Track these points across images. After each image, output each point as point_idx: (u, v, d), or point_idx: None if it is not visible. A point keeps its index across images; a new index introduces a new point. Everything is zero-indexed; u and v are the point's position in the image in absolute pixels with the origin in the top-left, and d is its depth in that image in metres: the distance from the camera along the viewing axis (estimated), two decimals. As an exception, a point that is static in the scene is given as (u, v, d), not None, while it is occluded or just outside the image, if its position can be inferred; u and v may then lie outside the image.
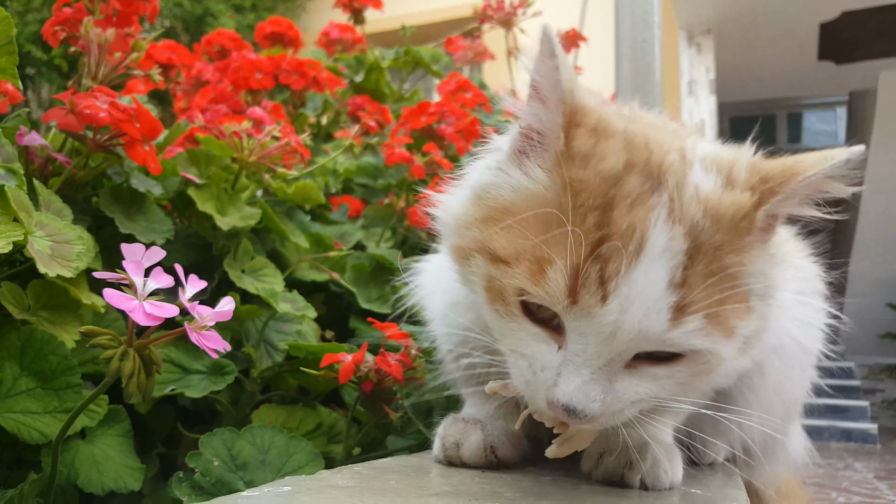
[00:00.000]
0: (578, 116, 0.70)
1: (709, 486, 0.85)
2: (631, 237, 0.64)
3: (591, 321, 0.64)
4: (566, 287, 0.64)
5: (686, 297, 0.63)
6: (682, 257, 0.64)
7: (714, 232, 0.66)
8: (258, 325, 1.28)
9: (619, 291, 0.63)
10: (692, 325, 0.64)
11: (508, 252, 0.68)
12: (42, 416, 0.85)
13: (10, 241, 0.81)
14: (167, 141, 1.40)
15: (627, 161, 0.68)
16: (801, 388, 1.03)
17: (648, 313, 0.63)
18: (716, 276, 0.65)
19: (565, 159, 0.68)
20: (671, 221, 0.65)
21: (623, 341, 0.64)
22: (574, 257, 0.64)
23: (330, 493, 0.68)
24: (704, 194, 0.67)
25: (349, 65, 2.42)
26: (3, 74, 0.99)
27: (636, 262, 0.63)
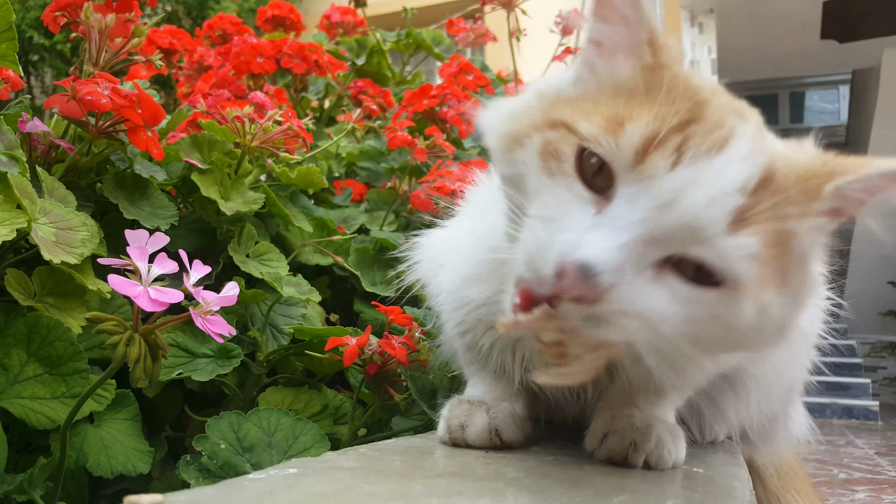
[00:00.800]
0: (658, 38, 0.69)
1: (711, 464, 0.86)
2: (720, 129, 0.62)
3: (650, 185, 0.60)
4: (641, 144, 0.61)
5: (751, 210, 0.60)
6: (760, 171, 0.61)
7: (786, 177, 0.63)
8: (263, 309, 1.29)
9: (693, 165, 0.60)
10: (747, 241, 0.59)
11: (578, 115, 0.65)
12: (50, 401, 0.86)
13: (13, 229, 0.81)
14: (170, 126, 1.41)
15: (713, 88, 0.68)
16: (802, 367, 1.04)
17: (714, 202, 0.59)
18: (780, 216, 0.61)
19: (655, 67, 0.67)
20: (755, 141, 0.63)
21: (677, 220, 0.59)
22: (659, 120, 0.61)
23: (335, 474, 0.68)
24: (781, 150, 0.66)
25: (351, 48, 2.41)
26: (3, 61, 0.99)
27: (718, 152, 0.61)
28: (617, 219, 0.60)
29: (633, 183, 0.60)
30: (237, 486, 0.63)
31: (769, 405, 0.99)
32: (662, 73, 0.66)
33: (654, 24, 0.69)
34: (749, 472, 0.91)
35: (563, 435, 0.93)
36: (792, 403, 1.10)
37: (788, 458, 1.28)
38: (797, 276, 0.65)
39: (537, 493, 0.64)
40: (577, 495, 0.64)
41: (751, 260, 0.60)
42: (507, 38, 2.47)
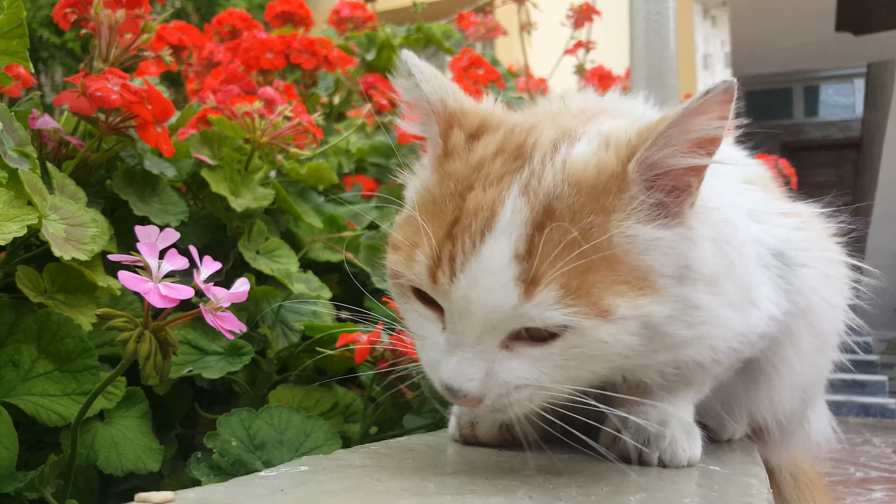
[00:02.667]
0: (455, 120, 0.73)
1: (727, 462, 0.85)
2: (478, 216, 0.64)
3: (448, 299, 0.65)
4: (427, 269, 0.66)
5: (533, 267, 0.61)
6: (527, 228, 0.62)
7: (573, 196, 0.63)
8: (274, 306, 1.28)
9: (466, 268, 0.63)
10: (545, 297, 0.61)
11: (398, 240, 0.71)
12: (60, 398, 0.86)
13: (24, 225, 0.81)
14: (180, 122, 1.40)
15: (498, 148, 0.70)
16: (823, 367, 1.03)
17: (493, 287, 0.62)
18: (574, 244, 0.61)
19: (444, 157, 0.72)
20: (524, 195, 0.64)
21: (479, 317, 0.63)
22: (431, 240, 0.66)
23: (347, 472, 0.68)
24: (570, 164, 0.65)
25: (360, 43, 2.40)
26: (14, 58, 0.99)
27: (481, 240, 0.63)
28: (451, 335, 0.66)
29: (440, 298, 0.67)
30: (248, 483, 0.63)
31: (788, 404, 0.98)
32: (446, 169, 0.71)
33: (450, 108, 0.73)
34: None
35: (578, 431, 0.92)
36: (812, 404, 1.08)
37: (806, 466, 1.26)
38: (661, 261, 0.65)
39: (551, 491, 0.63)
40: (593, 493, 0.63)
41: (558, 305, 0.61)
42: (518, 31, 2.46)
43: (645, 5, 2.08)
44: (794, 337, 0.89)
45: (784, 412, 0.99)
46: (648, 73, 2.05)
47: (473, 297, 0.63)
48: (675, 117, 0.62)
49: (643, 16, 2.07)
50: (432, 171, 0.73)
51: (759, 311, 0.80)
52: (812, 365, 0.98)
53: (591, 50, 2.56)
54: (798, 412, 1.04)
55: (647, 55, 2.08)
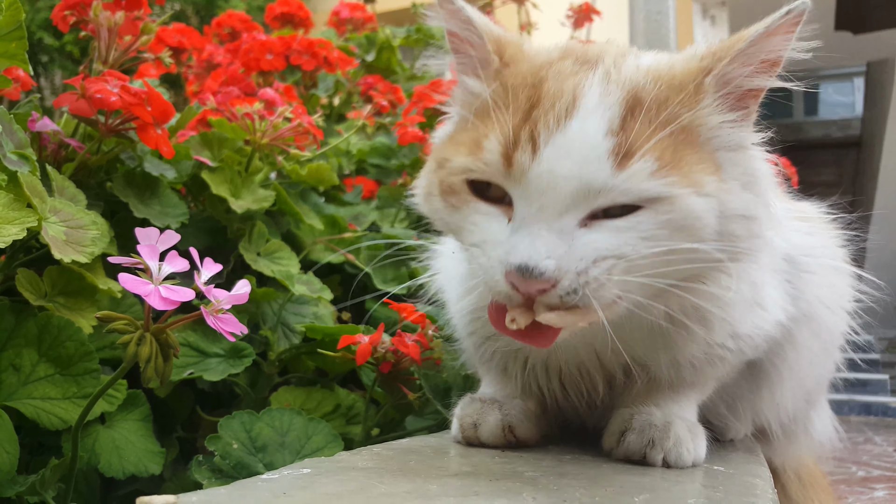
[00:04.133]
0: (504, 41, 0.75)
1: (731, 462, 0.84)
2: (560, 99, 0.66)
3: (527, 178, 0.64)
4: (500, 153, 0.66)
5: (629, 141, 0.63)
6: (620, 108, 0.65)
7: (657, 88, 0.67)
8: (275, 308, 1.28)
9: (551, 143, 0.64)
10: (640, 167, 0.63)
11: (451, 150, 0.71)
12: (61, 401, 0.85)
13: (24, 228, 0.81)
14: (179, 124, 1.40)
15: (563, 52, 0.74)
16: (826, 366, 1.02)
17: (587, 159, 0.63)
18: (664, 124, 0.65)
19: (502, 69, 0.73)
20: (606, 82, 0.67)
21: (565, 191, 0.63)
22: (505, 125, 0.66)
23: (349, 474, 0.68)
24: (649, 65, 0.70)
25: (360, 44, 2.40)
26: (13, 60, 0.98)
27: (568, 118, 0.65)
28: (523, 218, 0.65)
29: (515, 184, 0.66)
30: (250, 486, 0.62)
31: (791, 405, 0.98)
32: (506, 74, 0.72)
33: (496, 33, 0.76)
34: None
35: (581, 434, 0.92)
36: (815, 404, 1.08)
37: (810, 464, 1.26)
38: (731, 164, 0.69)
39: (555, 493, 0.63)
40: (597, 494, 0.63)
41: (654, 176, 0.63)
42: (518, 31, 2.45)
43: (645, 5, 2.08)
44: (797, 341, 0.89)
45: (787, 413, 0.99)
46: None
47: (561, 170, 0.63)
48: (753, 37, 0.68)
49: (643, 16, 2.07)
50: (486, 81, 0.73)
51: (766, 314, 0.80)
52: (814, 368, 0.98)
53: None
54: (801, 413, 1.04)
55: (647, 55, 2.08)
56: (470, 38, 0.75)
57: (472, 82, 0.75)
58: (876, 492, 2.67)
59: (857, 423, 4.87)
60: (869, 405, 5.41)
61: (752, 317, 0.78)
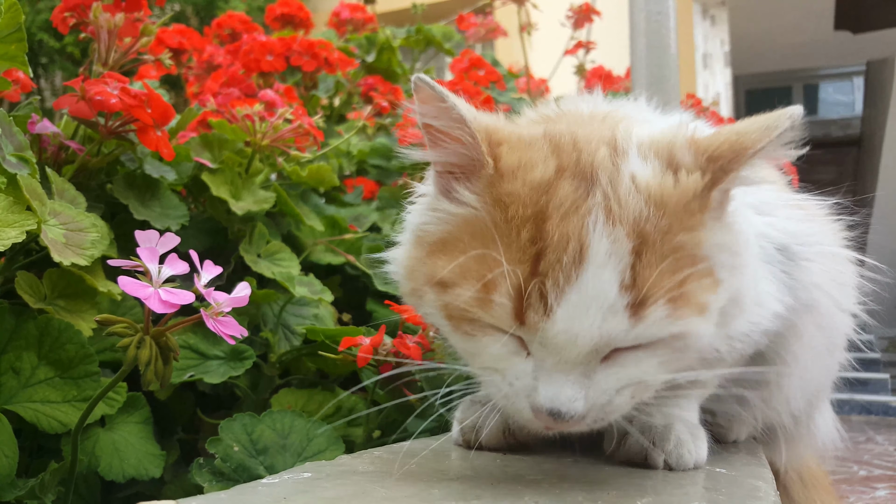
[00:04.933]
0: (496, 136, 0.69)
1: (733, 464, 0.84)
2: (567, 247, 0.62)
3: (543, 336, 0.63)
4: (512, 310, 0.63)
5: (641, 292, 0.61)
6: (630, 257, 0.62)
7: (660, 219, 0.64)
8: (275, 310, 1.28)
9: (564, 302, 0.61)
10: (656, 316, 0.62)
11: (455, 275, 0.66)
12: (61, 405, 0.85)
13: (23, 230, 0.80)
14: (180, 126, 1.40)
15: (557, 166, 0.67)
16: (829, 368, 1.02)
17: (604, 317, 0.61)
18: (670, 260, 0.63)
19: (496, 179, 0.67)
20: (610, 223, 0.63)
21: (584, 347, 0.62)
22: (514, 277, 0.62)
23: (350, 478, 0.67)
24: (645, 183, 0.65)
25: (360, 45, 2.40)
26: (13, 62, 0.98)
27: (578, 273, 0.61)
28: (542, 362, 0.64)
29: (530, 336, 0.64)
30: (251, 490, 0.62)
31: (800, 399, 0.97)
32: (501, 192, 0.66)
33: (484, 126, 0.69)
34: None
35: (582, 437, 0.92)
36: (817, 406, 1.07)
37: (812, 465, 1.26)
38: (724, 257, 0.67)
39: (557, 496, 0.63)
40: (599, 498, 0.63)
41: (669, 319, 0.63)
42: (518, 32, 2.45)
43: (645, 5, 2.08)
44: (800, 333, 0.88)
45: (797, 407, 0.98)
46: (649, 72, 2.04)
47: (578, 329, 0.62)
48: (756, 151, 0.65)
49: (643, 16, 2.07)
50: (478, 195, 0.68)
51: (762, 310, 0.80)
52: (820, 362, 0.97)
53: (592, 50, 2.56)
54: (803, 413, 1.03)
55: (647, 55, 2.08)
56: (461, 137, 0.68)
57: (464, 191, 0.69)
58: (877, 491, 2.66)
59: (858, 422, 4.87)
60: (870, 405, 5.41)
61: (746, 316, 0.78)
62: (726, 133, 0.67)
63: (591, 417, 0.65)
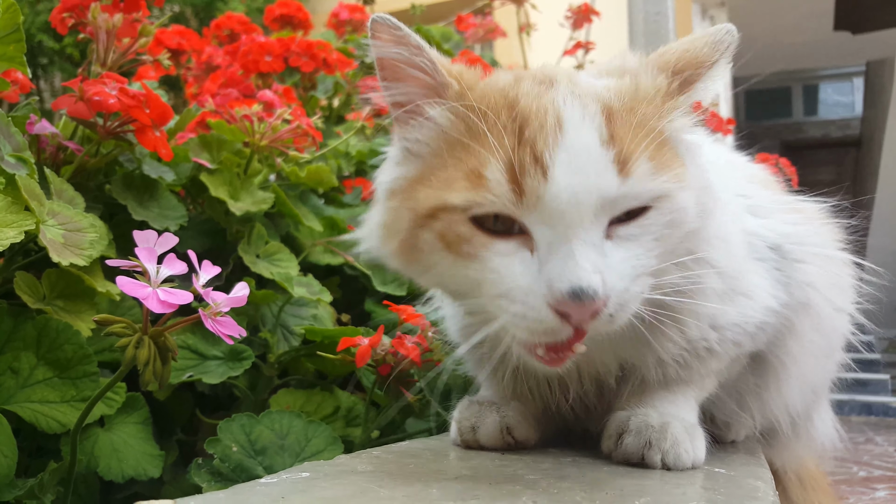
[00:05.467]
0: (455, 67, 0.74)
1: (732, 464, 0.84)
2: (546, 114, 0.66)
3: (544, 202, 0.63)
4: (507, 181, 0.64)
5: (622, 147, 0.65)
6: (601, 118, 0.66)
7: (623, 100, 0.69)
8: (274, 310, 1.28)
9: (557, 161, 0.64)
10: (641, 170, 0.65)
11: (441, 190, 0.67)
12: (59, 405, 0.85)
13: (22, 231, 0.80)
14: (178, 126, 1.40)
15: (515, 76, 0.73)
16: (827, 368, 1.02)
17: (597, 171, 0.64)
18: (642, 127, 0.67)
19: (463, 93, 0.71)
20: (576, 97, 0.68)
21: (586, 205, 0.63)
22: (502, 150, 0.65)
23: (349, 478, 0.67)
24: (603, 84, 0.72)
25: (359, 45, 2.39)
26: (11, 63, 0.98)
27: (562, 133, 0.65)
28: (550, 244, 0.64)
29: (530, 211, 0.64)
30: (249, 490, 0.62)
31: (799, 399, 0.98)
32: (472, 98, 0.70)
33: (439, 57, 0.73)
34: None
35: (581, 437, 0.92)
36: (816, 407, 1.07)
37: (811, 466, 1.26)
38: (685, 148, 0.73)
39: (556, 496, 0.63)
40: (597, 498, 0.63)
41: (653, 177, 0.66)
42: (517, 33, 2.45)
43: (644, 6, 2.08)
44: (796, 331, 0.89)
45: (796, 408, 0.99)
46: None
47: (577, 185, 0.63)
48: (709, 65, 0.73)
49: (642, 16, 2.07)
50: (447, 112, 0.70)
51: (753, 302, 0.81)
52: (818, 363, 0.98)
53: (591, 51, 2.56)
54: (804, 412, 1.03)
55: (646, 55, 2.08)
56: (421, 63, 0.71)
57: (434, 111, 0.71)
58: (877, 492, 2.67)
59: (858, 423, 4.87)
60: (870, 405, 5.41)
61: (734, 307, 0.80)
62: (675, 49, 0.75)
63: (613, 304, 0.64)
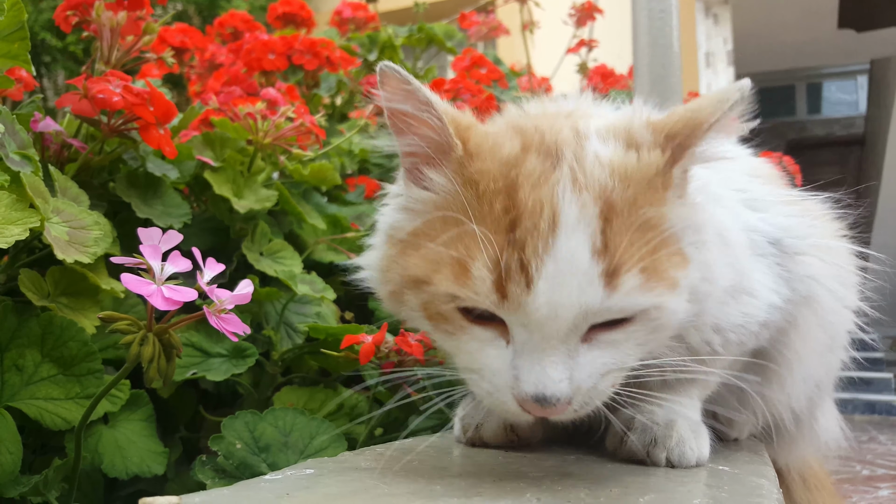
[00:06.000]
0: (462, 122, 0.70)
1: (736, 462, 0.84)
2: (541, 214, 0.63)
3: (525, 311, 0.62)
4: (492, 283, 0.62)
5: (614, 258, 0.62)
6: (598, 222, 0.63)
7: (625, 190, 0.65)
8: (278, 308, 1.28)
9: (543, 272, 0.61)
10: (630, 284, 0.62)
11: (429, 267, 0.66)
12: (64, 402, 0.85)
13: (27, 228, 0.81)
14: (182, 124, 1.40)
15: (523, 144, 0.69)
16: (830, 366, 1.02)
17: (581, 286, 0.61)
18: (639, 230, 0.64)
19: (466, 159, 0.68)
20: (577, 190, 0.64)
21: (565, 319, 0.62)
22: (491, 249, 0.63)
23: (353, 474, 0.67)
24: (608, 159, 0.67)
25: (362, 44, 2.40)
26: (15, 61, 0.98)
27: (553, 239, 0.62)
28: (524, 343, 0.64)
29: (510, 313, 0.63)
30: (253, 487, 0.62)
31: (801, 395, 0.97)
32: (472, 170, 0.67)
33: (453, 115, 0.70)
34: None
35: (584, 434, 0.92)
36: (820, 404, 1.07)
37: (815, 466, 1.25)
38: (689, 236, 0.69)
39: (560, 493, 0.63)
40: (602, 495, 0.63)
41: (642, 289, 0.63)
42: (520, 30, 2.45)
43: (647, 3, 2.07)
44: (799, 326, 0.88)
45: (799, 404, 0.98)
46: (651, 71, 2.04)
47: (560, 300, 0.61)
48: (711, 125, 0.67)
49: (646, 14, 2.06)
50: (447, 177, 0.69)
51: (756, 300, 0.80)
52: (821, 358, 0.97)
53: (594, 48, 2.56)
54: (805, 412, 1.03)
55: (650, 53, 2.07)
56: (429, 120, 0.69)
57: (434, 175, 0.70)
58: (880, 490, 2.66)
59: (862, 421, 4.86)
60: (873, 404, 5.40)
61: (737, 307, 0.79)
62: (681, 111, 0.70)
63: (578, 402, 0.65)
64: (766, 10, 6.80)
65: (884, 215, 6.99)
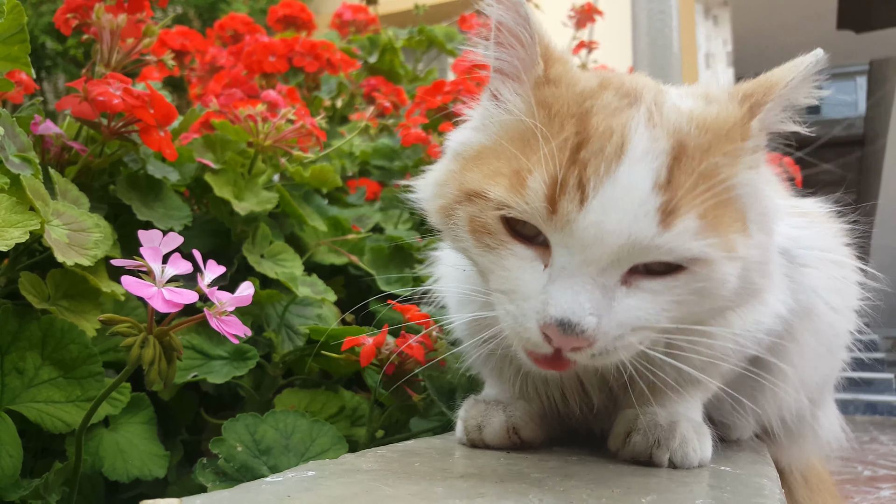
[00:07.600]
0: (553, 52, 0.72)
1: (738, 462, 0.84)
2: (610, 139, 0.63)
3: (572, 229, 0.61)
4: (545, 195, 0.62)
5: (675, 197, 0.61)
6: (667, 157, 0.62)
7: (700, 136, 0.65)
8: (279, 310, 1.28)
9: (600, 193, 0.61)
10: (685, 226, 0.61)
11: (486, 180, 0.66)
12: (65, 405, 0.85)
13: (27, 231, 0.80)
14: (182, 127, 1.40)
15: (601, 83, 0.70)
16: (833, 366, 1.02)
17: (636, 216, 0.60)
18: (706, 177, 0.63)
19: (543, 83, 0.70)
20: (651, 125, 0.64)
21: (611, 247, 0.60)
22: (552, 164, 0.62)
23: (354, 476, 0.67)
24: (688, 108, 0.68)
25: (363, 46, 2.40)
26: (15, 63, 0.98)
27: (617, 164, 0.61)
28: (563, 268, 0.62)
29: (557, 230, 0.62)
30: (254, 489, 0.62)
31: (794, 403, 0.97)
32: (548, 93, 0.69)
33: (546, 40, 0.72)
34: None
35: (587, 436, 0.92)
36: (821, 404, 1.07)
37: (817, 466, 1.25)
38: (754, 212, 0.68)
39: (562, 494, 0.62)
40: (604, 496, 0.63)
41: (697, 236, 0.61)
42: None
43: (647, 5, 2.08)
44: (796, 336, 0.88)
45: (790, 412, 0.98)
46: (651, 72, 2.03)
47: (609, 224, 0.60)
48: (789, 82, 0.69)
49: (646, 15, 2.07)
50: (523, 97, 0.70)
51: (765, 308, 0.80)
52: (817, 365, 0.97)
53: (594, 50, 2.56)
54: (807, 413, 1.03)
55: (650, 54, 2.08)
56: (521, 35, 0.71)
57: (512, 96, 0.70)
58: (882, 491, 2.66)
59: (863, 422, 4.86)
60: (874, 404, 5.40)
61: (752, 314, 0.78)
62: (755, 79, 0.71)
63: (600, 346, 0.63)
64: (766, 12, 6.81)
65: (884, 216, 6.99)
